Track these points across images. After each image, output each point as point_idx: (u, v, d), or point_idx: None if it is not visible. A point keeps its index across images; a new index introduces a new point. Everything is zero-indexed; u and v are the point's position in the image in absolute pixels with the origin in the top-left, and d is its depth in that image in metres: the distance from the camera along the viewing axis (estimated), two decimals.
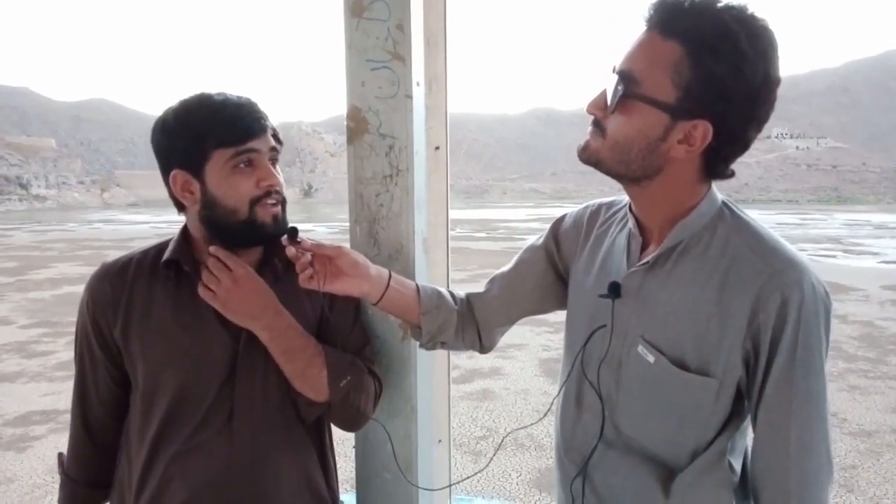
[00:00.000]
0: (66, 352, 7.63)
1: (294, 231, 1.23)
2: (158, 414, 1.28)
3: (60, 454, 1.43)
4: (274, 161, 1.29)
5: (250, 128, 1.24)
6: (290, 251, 1.22)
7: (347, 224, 1.50)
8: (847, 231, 29.92)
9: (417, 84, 1.41)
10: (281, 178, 1.29)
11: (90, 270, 1.43)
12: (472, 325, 1.39)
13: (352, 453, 1.60)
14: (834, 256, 18.22)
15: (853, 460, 4.65)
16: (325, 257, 1.24)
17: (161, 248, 1.35)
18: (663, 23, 0.96)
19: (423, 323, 1.34)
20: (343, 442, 1.52)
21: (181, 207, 1.31)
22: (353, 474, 1.60)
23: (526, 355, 7.51)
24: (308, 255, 1.22)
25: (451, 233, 1.77)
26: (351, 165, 1.46)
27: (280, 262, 1.34)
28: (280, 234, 1.29)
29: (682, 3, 0.95)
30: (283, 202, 1.30)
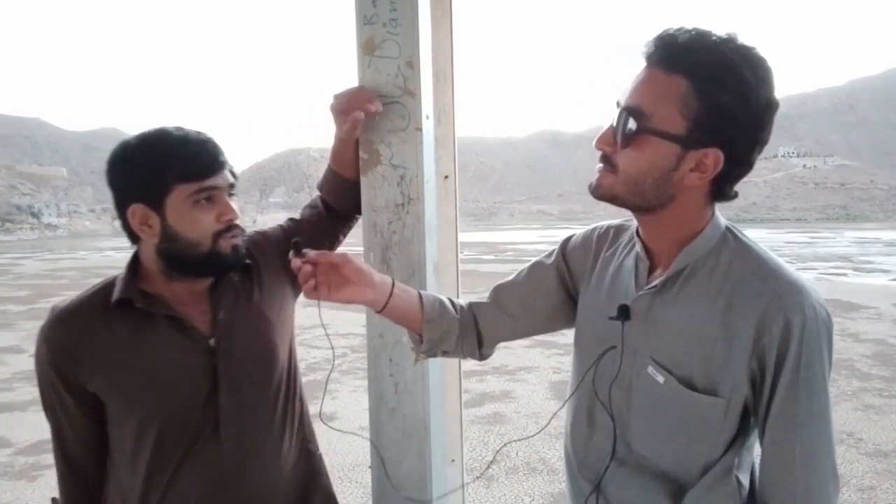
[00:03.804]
0: None
1: (298, 244, 1.22)
2: (149, 443, 1.30)
3: (54, 499, 1.42)
4: (231, 196, 1.33)
5: (211, 164, 1.27)
6: (295, 263, 1.21)
7: (356, 249, 1.55)
8: (857, 249, 29.79)
9: (427, 117, 1.47)
10: (238, 210, 1.33)
11: None
12: (473, 334, 1.40)
13: (362, 479, 1.63)
14: (845, 275, 18.14)
15: (870, 481, 4.58)
16: (329, 266, 1.23)
17: (108, 286, 1.35)
18: (665, 59, 1.01)
19: (426, 331, 1.35)
20: (355, 468, 1.56)
21: (135, 239, 1.33)
22: (362, 499, 1.63)
23: (536, 378, 7.48)
24: (308, 267, 1.21)
25: (459, 256, 1.81)
26: (364, 195, 1.51)
27: (235, 275, 1.40)
28: (238, 263, 1.34)
29: (681, 39, 1.00)
30: (242, 233, 1.35)
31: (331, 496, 1.56)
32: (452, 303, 1.41)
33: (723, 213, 1.15)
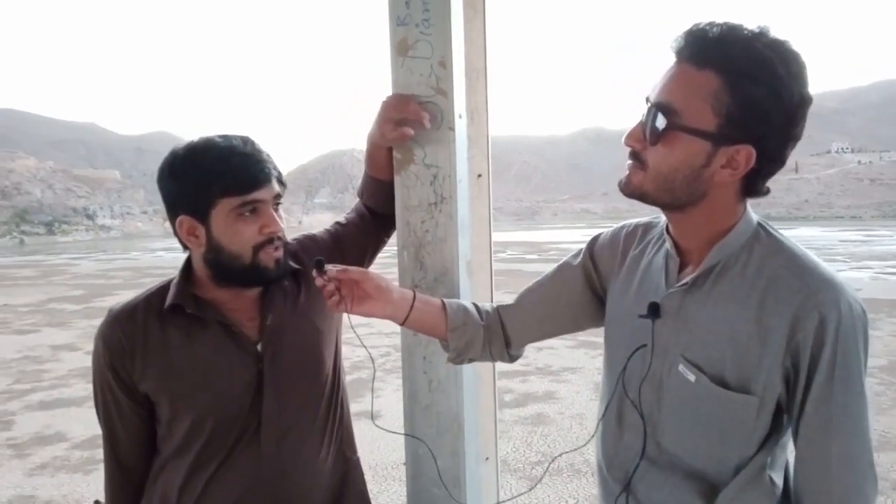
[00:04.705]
0: None
1: (321, 262, 1.26)
2: (197, 443, 1.33)
3: (97, 502, 1.46)
4: (277, 206, 1.34)
5: (256, 178, 1.28)
6: (319, 281, 1.27)
7: (393, 248, 1.57)
8: None
9: (460, 116, 1.48)
10: (283, 221, 1.35)
11: None
12: (500, 338, 1.41)
13: (401, 474, 1.64)
14: None
15: None
16: (351, 281, 1.30)
17: (164, 289, 1.38)
18: (695, 54, 1.00)
19: (451, 339, 1.38)
20: (399, 466, 1.57)
21: (186, 246, 1.36)
22: (405, 497, 1.65)
23: (580, 378, 7.43)
24: (332, 285, 1.28)
25: (502, 255, 1.81)
26: (398, 194, 1.53)
27: (285, 280, 1.43)
28: (281, 276, 1.37)
29: (712, 34, 0.98)
30: (284, 246, 1.37)
31: (365, 502, 1.57)
32: (478, 308, 1.43)
33: (774, 211, 1.13)
